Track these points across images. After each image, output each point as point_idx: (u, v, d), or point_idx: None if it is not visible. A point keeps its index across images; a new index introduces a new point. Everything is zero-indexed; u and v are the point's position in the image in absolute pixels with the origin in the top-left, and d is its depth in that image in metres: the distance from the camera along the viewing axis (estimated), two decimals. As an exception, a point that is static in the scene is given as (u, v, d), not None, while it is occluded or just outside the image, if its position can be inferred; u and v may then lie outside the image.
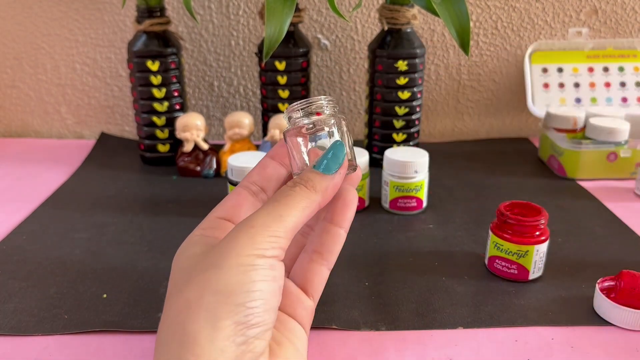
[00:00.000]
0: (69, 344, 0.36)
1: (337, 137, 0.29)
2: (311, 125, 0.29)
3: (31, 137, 0.82)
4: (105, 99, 0.80)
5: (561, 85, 0.73)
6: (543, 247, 0.42)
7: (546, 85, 0.74)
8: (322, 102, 0.30)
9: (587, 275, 0.44)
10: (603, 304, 0.38)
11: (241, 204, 0.30)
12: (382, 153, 0.63)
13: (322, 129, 0.29)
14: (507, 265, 0.42)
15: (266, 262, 0.25)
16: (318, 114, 0.29)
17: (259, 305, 0.25)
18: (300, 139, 0.29)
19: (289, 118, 0.30)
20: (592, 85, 0.73)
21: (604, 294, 0.38)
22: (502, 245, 0.42)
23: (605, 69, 0.74)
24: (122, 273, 0.44)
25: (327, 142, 0.29)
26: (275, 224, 0.26)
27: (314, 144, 0.29)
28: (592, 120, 0.62)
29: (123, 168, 0.67)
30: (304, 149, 0.29)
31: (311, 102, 0.29)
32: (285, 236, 0.26)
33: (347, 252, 0.47)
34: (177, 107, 0.67)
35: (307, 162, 0.29)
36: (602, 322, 0.38)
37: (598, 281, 0.39)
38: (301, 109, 0.29)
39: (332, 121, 0.29)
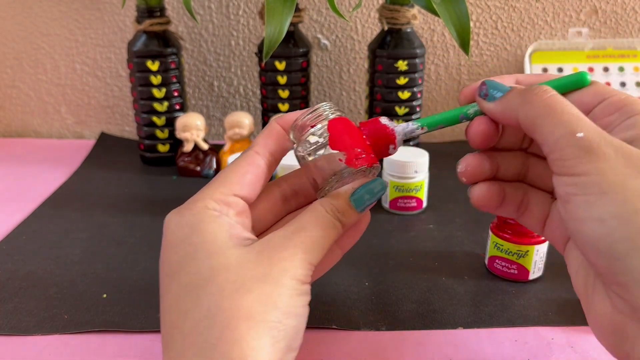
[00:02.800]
0: (69, 344, 0.36)
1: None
2: (316, 144, 0.28)
3: (31, 137, 0.82)
4: (105, 99, 0.80)
5: (561, 85, 0.73)
6: (543, 248, 0.42)
7: (546, 85, 0.73)
8: (324, 107, 0.28)
9: (587, 275, 0.44)
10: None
11: (260, 183, 0.29)
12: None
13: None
14: (507, 265, 0.42)
15: (307, 289, 0.26)
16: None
17: (302, 330, 0.26)
18: (310, 157, 0.28)
19: (295, 135, 0.29)
20: (592, 85, 0.73)
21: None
22: (502, 246, 0.42)
23: (605, 69, 0.74)
24: (122, 273, 0.44)
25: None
26: (317, 254, 0.27)
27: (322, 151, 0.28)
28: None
29: (123, 168, 0.67)
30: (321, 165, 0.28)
31: (314, 111, 0.28)
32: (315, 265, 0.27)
33: (347, 252, 0.47)
34: (177, 107, 0.67)
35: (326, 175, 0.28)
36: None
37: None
38: (302, 123, 0.28)
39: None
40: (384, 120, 0.29)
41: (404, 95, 0.63)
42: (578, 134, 0.23)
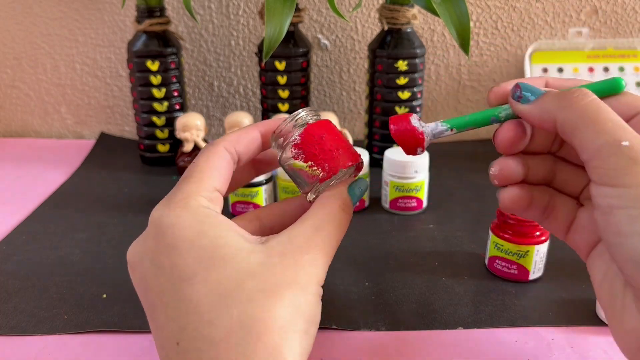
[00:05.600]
0: (69, 344, 0.36)
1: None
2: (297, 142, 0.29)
3: (31, 137, 0.82)
4: (105, 99, 0.80)
5: (561, 85, 0.73)
6: (543, 248, 0.42)
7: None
8: (302, 114, 0.29)
9: (587, 275, 0.43)
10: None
11: (229, 179, 0.29)
12: (382, 153, 0.63)
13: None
14: (507, 265, 0.42)
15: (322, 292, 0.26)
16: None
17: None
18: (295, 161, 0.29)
19: (277, 144, 0.30)
20: (592, 85, 0.73)
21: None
22: (502, 246, 0.42)
23: (606, 69, 0.74)
24: (122, 273, 0.44)
25: None
26: (332, 252, 0.27)
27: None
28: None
29: (123, 168, 0.67)
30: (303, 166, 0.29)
31: (292, 119, 0.29)
32: None
33: (347, 252, 0.47)
34: (177, 107, 0.67)
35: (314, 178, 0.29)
36: (602, 322, 0.38)
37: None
38: (282, 130, 0.29)
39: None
40: (414, 121, 0.29)
41: (404, 95, 0.63)
42: (623, 143, 0.22)
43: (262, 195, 0.53)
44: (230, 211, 0.54)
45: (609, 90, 0.26)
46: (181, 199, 0.26)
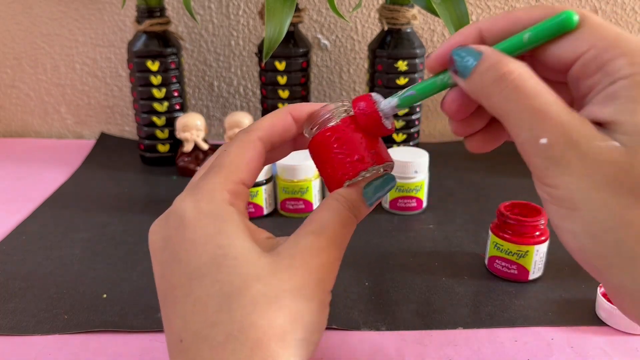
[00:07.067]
0: (69, 344, 0.36)
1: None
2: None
3: (31, 137, 0.82)
4: (105, 99, 0.80)
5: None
6: (543, 248, 0.42)
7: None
8: (339, 107, 0.28)
9: (587, 275, 0.43)
10: (605, 309, 0.38)
11: (259, 172, 0.28)
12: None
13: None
14: (507, 265, 0.42)
15: (330, 298, 0.26)
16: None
17: (320, 341, 0.25)
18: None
19: (308, 131, 0.28)
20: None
21: (606, 298, 0.38)
22: (502, 246, 0.42)
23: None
24: (122, 273, 0.44)
25: None
26: (340, 254, 0.26)
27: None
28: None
29: (123, 168, 0.67)
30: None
31: (331, 109, 0.28)
32: None
33: (347, 252, 0.47)
34: (177, 107, 0.67)
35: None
36: (602, 322, 0.38)
37: (600, 285, 0.39)
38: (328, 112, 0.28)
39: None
40: (375, 100, 0.28)
41: (404, 95, 0.63)
42: (541, 141, 0.21)
43: (262, 195, 0.53)
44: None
45: (557, 31, 0.22)
46: (208, 190, 0.26)
